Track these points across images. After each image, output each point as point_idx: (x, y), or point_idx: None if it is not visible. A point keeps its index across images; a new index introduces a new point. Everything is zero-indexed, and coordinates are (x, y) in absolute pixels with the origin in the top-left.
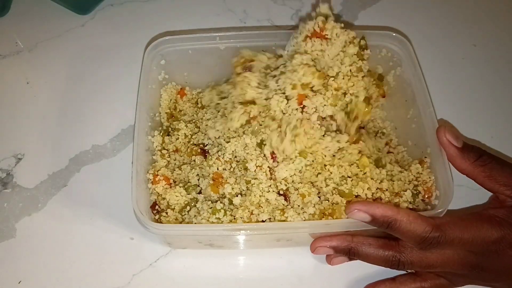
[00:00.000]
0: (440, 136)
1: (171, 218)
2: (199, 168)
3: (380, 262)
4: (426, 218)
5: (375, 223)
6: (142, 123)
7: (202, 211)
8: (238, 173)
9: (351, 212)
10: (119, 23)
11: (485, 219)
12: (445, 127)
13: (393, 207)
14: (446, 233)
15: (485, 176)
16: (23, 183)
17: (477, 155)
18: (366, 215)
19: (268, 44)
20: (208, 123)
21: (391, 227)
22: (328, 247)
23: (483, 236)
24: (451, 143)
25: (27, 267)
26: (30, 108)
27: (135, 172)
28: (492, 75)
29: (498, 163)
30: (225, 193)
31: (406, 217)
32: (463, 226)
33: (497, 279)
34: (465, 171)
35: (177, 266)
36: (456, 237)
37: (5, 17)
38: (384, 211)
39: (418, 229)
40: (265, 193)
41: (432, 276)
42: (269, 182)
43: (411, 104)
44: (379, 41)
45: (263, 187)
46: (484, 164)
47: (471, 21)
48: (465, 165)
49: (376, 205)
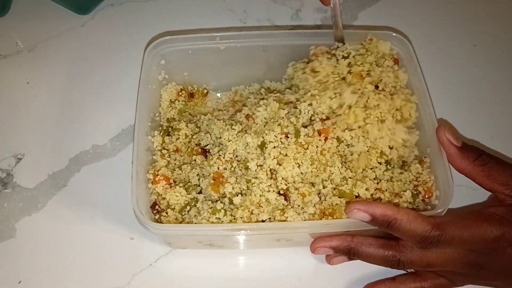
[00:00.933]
0: (440, 135)
1: (171, 218)
2: (200, 167)
3: (380, 262)
4: (426, 217)
5: (375, 222)
6: (142, 123)
7: (202, 211)
8: (239, 173)
9: (351, 212)
10: (119, 23)
11: (484, 218)
12: (444, 127)
13: (393, 206)
14: (446, 232)
15: (484, 175)
16: (23, 183)
17: (476, 154)
18: (366, 214)
19: (268, 44)
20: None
21: (391, 227)
22: (328, 247)
23: (483, 234)
24: (451, 142)
25: (27, 267)
26: (30, 108)
27: (135, 172)
28: (492, 75)
29: (497, 163)
30: (226, 193)
31: (406, 216)
32: (463, 225)
33: (497, 278)
34: (464, 171)
35: (177, 266)
36: (456, 236)
37: (5, 17)
38: (384, 210)
39: (418, 228)
40: (265, 193)
41: (432, 276)
42: (269, 182)
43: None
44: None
45: (263, 187)
46: (483, 163)
47: (471, 21)
48: (464, 164)
49: (375, 204)
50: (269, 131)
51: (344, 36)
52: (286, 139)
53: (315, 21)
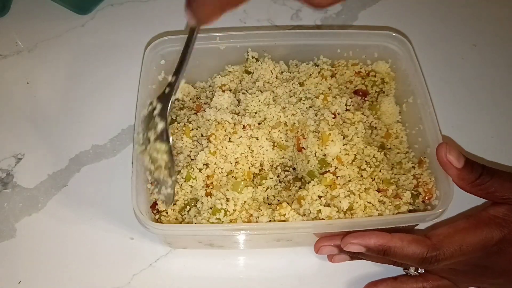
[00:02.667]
0: (441, 156)
1: (171, 218)
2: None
3: (382, 260)
4: (421, 240)
5: (371, 252)
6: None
7: (203, 212)
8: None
9: (345, 246)
10: (119, 23)
11: (483, 223)
12: (446, 145)
13: (385, 235)
14: (443, 251)
15: (483, 193)
16: (23, 183)
17: (476, 175)
18: (360, 247)
19: (268, 44)
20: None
21: (387, 254)
22: (332, 246)
23: (483, 241)
24: (451, 163)
25: (27, 267)
26: (30, 108)
27: (135, 172)
28: (492, 75)
29: (497, 180)
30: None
31: (399, 243)
32: (461, 238)
33: (501, 276)
34: (464, 190)
35: (177, 266)
36: (455, 251)
37: (5, 17)
38: (377, 240)
39: (414, 252)
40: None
41: (435, 277)
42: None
43: (411, 104)
44: (379, 41)
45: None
46: (483, 183)
47: (471, 21)
48: (463, 185)
49: (368, 235)
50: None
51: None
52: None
53: (315, 21)
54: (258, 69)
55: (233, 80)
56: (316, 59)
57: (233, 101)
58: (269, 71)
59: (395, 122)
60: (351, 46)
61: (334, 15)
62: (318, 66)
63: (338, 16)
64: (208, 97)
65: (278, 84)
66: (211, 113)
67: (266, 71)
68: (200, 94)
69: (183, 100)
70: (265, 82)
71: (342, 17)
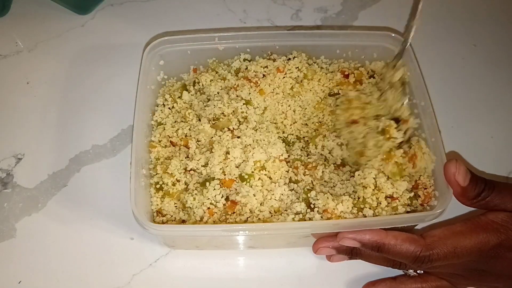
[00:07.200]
0: (448, 174)
1: (169, 210)
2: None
3: (381, 261)
4: (415, 239)
5: (365, 247)
6: (140, 123)
7: (195, 192)
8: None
9: (341, 240)
10: (119, 23)
11: (481, 227)
12: (456, 164)
13: (381, 231)
14: (436, 252)
15: (483, 208)
16: (23, 183)
17: (478, 193)
18: (355, 241)
19: (268, 44)
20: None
21: (381, 250)
22: (331, 247)
23: (479, 245)
24: (458, 182)
25: (27, 267)
26: (30, 108)
27: (133, 173)
28: (492, 75)
29: (497, 195)
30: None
31: (393, 241)
32: (456, 240)
33: (499, 280)
34: (464, 205)
35: (177, 266)
36: (448, 253)
37: (5, 17)
38: (371, 236)
39: (407, 250)
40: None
41: (434, 278)
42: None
43: (411, 104)
44: (379, 41)
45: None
46: (483, 199)
47: (471, 21)
48: (464, 201)
49: (364, 232)
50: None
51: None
52: None
53: (315, 21)
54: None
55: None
56: (295, 53)
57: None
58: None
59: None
60: (350, 46)
61: (334, 15)
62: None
63: (338, 16)
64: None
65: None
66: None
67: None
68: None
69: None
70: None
71: (342, 17)
